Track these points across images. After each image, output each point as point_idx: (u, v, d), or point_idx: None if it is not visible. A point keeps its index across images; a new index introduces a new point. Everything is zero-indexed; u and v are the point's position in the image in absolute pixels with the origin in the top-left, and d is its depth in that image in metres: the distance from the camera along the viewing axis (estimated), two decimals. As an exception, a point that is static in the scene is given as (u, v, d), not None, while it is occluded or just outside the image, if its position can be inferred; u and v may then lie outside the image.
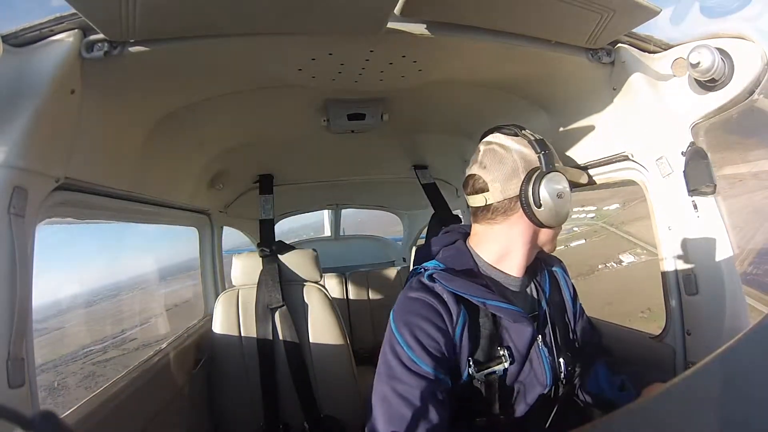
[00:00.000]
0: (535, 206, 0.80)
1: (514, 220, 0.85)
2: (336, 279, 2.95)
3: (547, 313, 0.94)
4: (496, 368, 0.82)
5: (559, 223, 0.84)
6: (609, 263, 14.61)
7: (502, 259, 0.89)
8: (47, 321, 5.40)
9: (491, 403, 0.83)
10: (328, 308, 1.61)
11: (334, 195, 3.03)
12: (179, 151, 1.37)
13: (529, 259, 0.91)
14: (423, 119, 1.54)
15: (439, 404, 0.75)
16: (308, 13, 0.77)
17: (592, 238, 15.17)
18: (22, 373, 0.68)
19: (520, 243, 0.87)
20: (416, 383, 0.75)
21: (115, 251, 7.18)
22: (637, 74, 1.00)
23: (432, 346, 0.77)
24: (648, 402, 0.42)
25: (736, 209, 3.50)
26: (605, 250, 14.33)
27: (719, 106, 0.91)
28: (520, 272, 0.90)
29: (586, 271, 15.31)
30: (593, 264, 15.51)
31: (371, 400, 0.78)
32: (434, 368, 0.76)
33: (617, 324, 1.31)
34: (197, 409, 1.57)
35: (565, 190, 0.81)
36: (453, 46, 0.94)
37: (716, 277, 0.93)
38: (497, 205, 0.85)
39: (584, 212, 26.88)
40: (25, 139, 0.70)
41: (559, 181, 0.81)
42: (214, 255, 2.03)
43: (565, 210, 0.82)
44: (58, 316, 5.57)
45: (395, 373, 0.77)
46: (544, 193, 0.79)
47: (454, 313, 0.81)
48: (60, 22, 0.75)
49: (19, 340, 0.67)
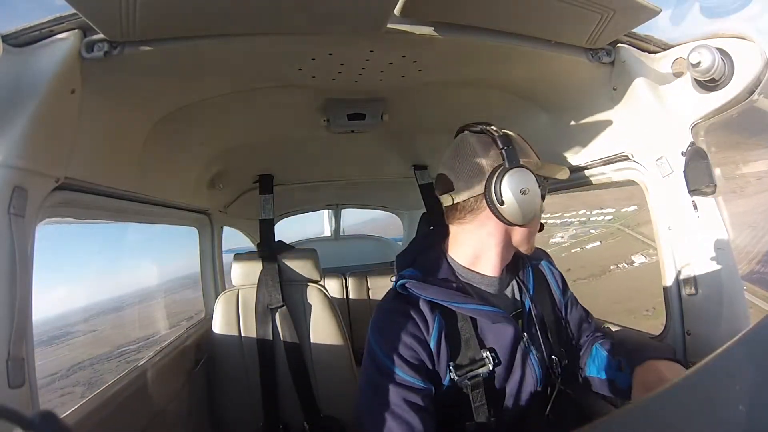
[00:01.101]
0: (498, 204, 0.79)
1: (483, 219, 0.84)
2: (336, 279, 2.95)
3: (531, 310, 0.93)
4: (480, 371, 0.82)
5: (526, 220, 0.81)
6: (621, 264, 14.70)
7: (477, 260, 0.88)
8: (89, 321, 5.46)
9: (479, 406, 0.82)
10: (328, 308, 1.61)
11: (334, 195, 3.03)
12: (179, 151, 1.37)
13: (506, 259, 0.90)
14: (423, 119, 1.54)
15: (423, 411, 0.75)
16: (308, 13, 0.77)
17: (608, 240, 15.23)
18: (22, 373, 0.68)
19: (492, 243, 0.86)
20: (398, 393, 0.75)
21: (142, 257, 7.17)
22: (637, 74, 1.00)
23: (409, 355, 0.78)
24: (648, 402, 0.42)
25: (750, 208, 3.43)
26: (619, 251, 14.42)
27: (719, 106, 0.91)
28: (497, 272, 0.89)
29: (598, 272, 15.40)
30: (605, 265, 15.58)
31: (356, 411, 0.79)
32: (414, 376, 0.77)
33: (617, 324, 1.31)
34: (197, 409, 1.57)
35: (530, 186, 0.78)
36: (453, 46, 0.94)
37: (716, 277, 0.93)
38: (464, 203, 0.84)
39: (602, 215, 26.72)
40: (25, 139, 0.70)
41: (523, 177, 0.78)
42: (214, 255, 2.03)
43: (531, 207, 0.79)
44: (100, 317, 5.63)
45: (376, 384, 0.78)
46: (506, 189, 0.78)
47: (429, 320, 0.81)
48: (60, 22, 0.75)
49: (19, 340, 0.67)
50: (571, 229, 17.15)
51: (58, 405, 1.99)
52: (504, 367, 0.85)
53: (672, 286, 1.02)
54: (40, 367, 0.73)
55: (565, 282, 1.05)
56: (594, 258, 15.93)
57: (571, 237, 17.91)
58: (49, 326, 4.17)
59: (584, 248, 17.26)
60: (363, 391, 0.80)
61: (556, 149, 1.32)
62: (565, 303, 1.04)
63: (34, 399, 0.70)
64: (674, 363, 0.81)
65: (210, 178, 1.73)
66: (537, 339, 0.91)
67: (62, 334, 4.83)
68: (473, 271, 0.88)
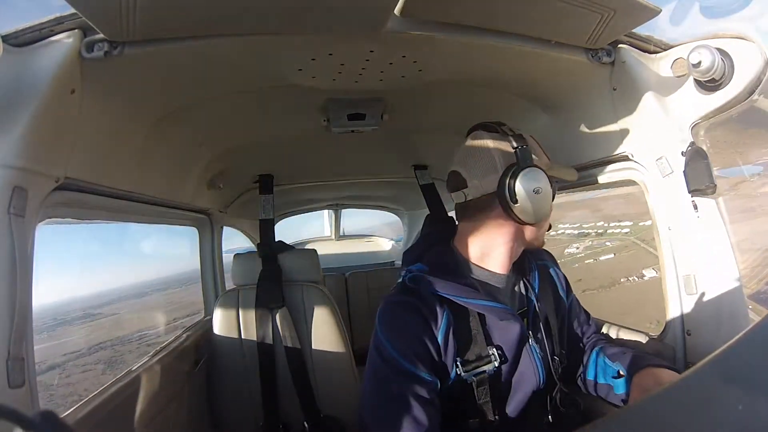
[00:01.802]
0: (512, 202, 0.80)
1: (494, 217, 0.85)
2: (336, 279, 2.95)
3: (537, 310, 0.93)
4: (486, 368, 0.82)
5: (537, 219, 0.83)
6: (631, 277, 14.76)
7: (486, 257, 0.89)
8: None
9: (483, 403, 0.83)
10: (328, 308, 1.61)
11: (334, 195, 3.03)
12: (179, 151, 1.37)
13: (514, 256, 0.90)
14: (423, 119, 1.53)
15: (429, 404, 0.75)
16: (308, 13, 0.77)
17: (621, 253, 15.31)
18: (22, 373, 0.68)
19: (502, 240, 0.87)
20: (404, 385, 0.75)
21: (164, 253, 7.52)
22: (637, 74, 1.00)
23: (417, 347, 0.78)
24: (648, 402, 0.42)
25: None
26: (631, 264, 14.49)
27: (719, 106, 0.91)
28: (505, 269, 0.89)
29: (608, 283, 15.52)
30: (616, 278, 15.68)
31: (361, 403, 0.79)
32: (421, 369, 0.77)
33: (617, 324, 1.31)
34: (197, 409, 1.57)
35: (543, 186, 0.80)
36: (453, 46, 0.94)
37: (716, 277, 0.93)
38: (476, 201, 0.85)
39: (620, 227, 26.37)
40: (25, 139, 0.70)
41: (537, 177, 0.80)
42: (214, 255, 2.03)
43: (543, 207, 0.81)
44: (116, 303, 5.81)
45: (383, 376, 0.78)
46: (520, 188, 0.79)
47: (438, 314, 0.81)
48: (60, 22, 0.75)
49: (19, 340, 0.67)
50: (587, 240, 17.18)
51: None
52: (509, 364, 0.86)
53: (672, 286, 1.02)
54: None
55: (568, 284, 1.06)
56: (606, 270, 16.03)
57: (586, 248, 17.95)
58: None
59: (598, 260, 17.30)
60: (368, 382, 0.80)
61: (556, 149, 1.31)
62: (568, 305, 1.04)
63: (34, 399, 0.70)
64: (674, 372, 0.82)
65: (210, 178, 1.73)
66: (541, 338, 0.92)
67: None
68: (482, 267, 0.89)
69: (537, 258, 1.02)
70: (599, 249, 17.04)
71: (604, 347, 0.99)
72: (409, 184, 2.19)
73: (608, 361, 0.95)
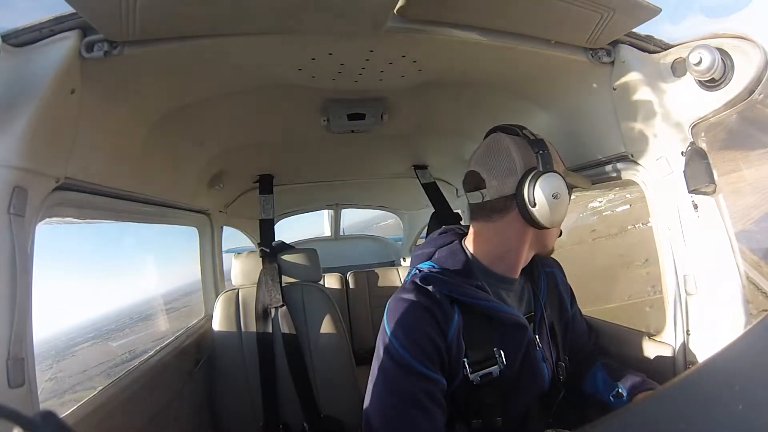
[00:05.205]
0: (530, 205, 0.80)
1: (510, 220, 0.85)
2: (336, 279, 2.95)
3: (543, 315, 0.93)
4: (492, 369, 0.82)
5: (554, 224, 0.83)
6: (638, 224, 15.23)
7: (497, 259, 0.89)
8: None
9: (488, 404, 0.82)
10: (328, 308, 1.61)
11: (334, 195, 3.03)
12: (179, 151, 1.37)
13: (525, 261, 0.91)
14: (423, 119, 1.54)
15: (435, 403, 0.75)
16: (308, 13, 0.77)
17: (636, 204, 15.85)
18: (22, 373, 0.68)
19: (516, 243, 0.87)
20: (411, 383, 0.75)
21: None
22: (637, 74, 1.00)
23: (426, 346, 0.78)
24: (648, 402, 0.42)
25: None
26: (641, 213, 15.03)
27: (719, 106, 0.91)
28: (515, 273, 0.90)
29: (616, 231, 16.05)
30: (624, 225, 16.24)
31: (365, 400, 0.78)
32: (428, 368, 0.76)
33: (617, 324, 1.31)
34: (197, 409, 1.57)
35: (562, 191, 0.80)
36: (453, 46, 0.94)
37: (716, 277, 0.93)
38: (494, 202, 0.85)
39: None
40: (25, 139, 0.70)
41: (556, 181, 0.80)
42: (214, 255, 2.03)
43: (560, 211, 0.82)
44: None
45: (390, 373, 0.77)
46: (539, 192, 0.79)
47: (448, 314, 0.81)
48: (60, 22, 0.75)
49: (19, 340, 0.67)
50: (610, 194, 17.58)
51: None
52: (515, 367, 0.86)
53: (672, 285, 1.02)
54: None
55: (573, 295, 1.06)
56: (619, 219, 16.62)
57: (608, 201, 18.34)
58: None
59: (615, 211, 17.76)
60: (376, 383, 0.79)
61: (556, 149, 1.32)
62: (572, 314, 1.05)
63: (34, 399, 0.70)
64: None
65: (210, 178, 1.73)
66: (547, 343, 0.92)
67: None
68: (492, 270, 0.89)
69: (546, 265, 1.02)
70: (618, 201, 17.41)
71: (606, 363, 0.99)
72: (409, 183, 2.19)
73: (609, 379, 0.95)
